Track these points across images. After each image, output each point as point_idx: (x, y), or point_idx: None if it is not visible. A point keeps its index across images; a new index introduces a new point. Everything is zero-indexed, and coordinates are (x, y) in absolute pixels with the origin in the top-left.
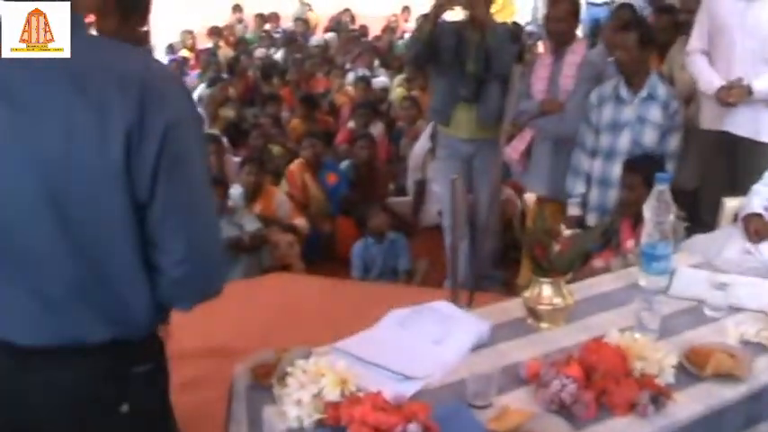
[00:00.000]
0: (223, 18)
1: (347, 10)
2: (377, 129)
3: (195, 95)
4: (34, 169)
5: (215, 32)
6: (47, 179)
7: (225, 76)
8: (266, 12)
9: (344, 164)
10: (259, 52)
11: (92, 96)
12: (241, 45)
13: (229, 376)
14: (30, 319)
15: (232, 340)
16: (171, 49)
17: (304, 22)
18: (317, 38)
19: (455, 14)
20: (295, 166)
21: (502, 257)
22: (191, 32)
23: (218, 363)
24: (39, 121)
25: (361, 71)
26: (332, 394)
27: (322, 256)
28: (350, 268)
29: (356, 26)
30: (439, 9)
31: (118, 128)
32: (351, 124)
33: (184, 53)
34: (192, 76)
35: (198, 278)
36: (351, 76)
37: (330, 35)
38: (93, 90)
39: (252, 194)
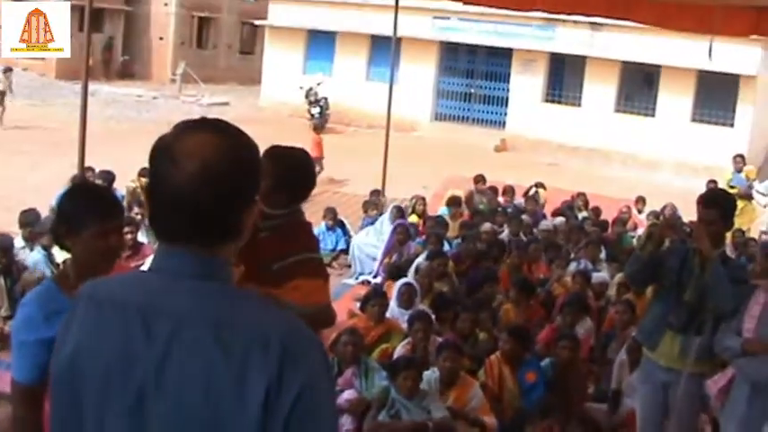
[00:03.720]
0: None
1: (581, 194)
2: (584, 326)
3: (414, 266)
4: (172, 419)
5: (454, 202)
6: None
7: (447, 249)
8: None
9: (545, 362)
10: (486, 226)
11: (234, 359)
12: (477, 217)
13: None
14: None
15: None
16: (399, 212)
17: (533, 200)
18: (547, 222)
19: None
20: (495, 357)
21: None
22: (423, 198)
23: None
24: (178, 374)
25: (584, 262)
26: None
27: None
28: None
29: (588, 211)
30: (663, 232)
31: (258, 387)
32: (558, 320)
33: (413, 219)
34: (415, 243)
35: None
36: (573, 266)
37: (559, 220)
38: (237, 353)
39: (448, 381)
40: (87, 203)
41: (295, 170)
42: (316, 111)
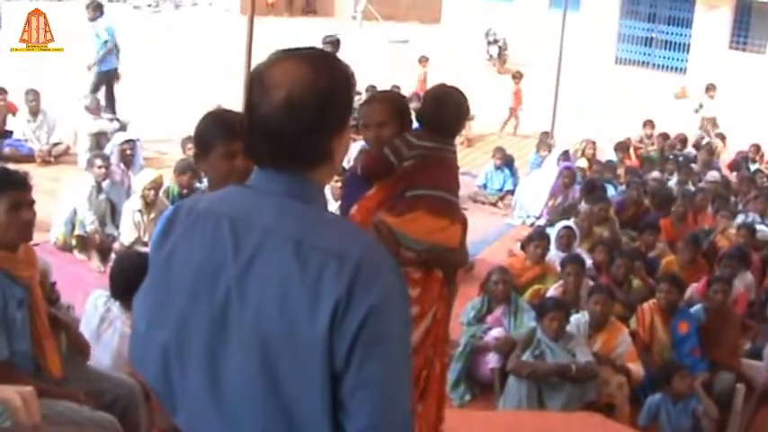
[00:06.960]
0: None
1: (755, 145)
2: (744, 280)
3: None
4: (251, 325)
5: (622, 147)
6: (261, 338)
7: (612, 194)
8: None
9: (696, 307)
10: (654, 174)
11: (310, 272)
12: (645, 165)
13: None
14: None
15: None
16: (566, 155)
17: (707, 152)
18: (714, 173)
19: None
20: (648, 305)
21: None
22: (593, 142)
23: None
24: (259, 283)
25: (752, 215)
26: None
27: None
28: None
29: (762, 163)
30: None
31: (327, 303)
32: (717, 273)
33: (581, 163)
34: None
35: None
36: (740, 218)
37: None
38: (313, 266)
39: (597, 325)
40: (213, 126)
41: (440, 107)
42: (494, 51)
